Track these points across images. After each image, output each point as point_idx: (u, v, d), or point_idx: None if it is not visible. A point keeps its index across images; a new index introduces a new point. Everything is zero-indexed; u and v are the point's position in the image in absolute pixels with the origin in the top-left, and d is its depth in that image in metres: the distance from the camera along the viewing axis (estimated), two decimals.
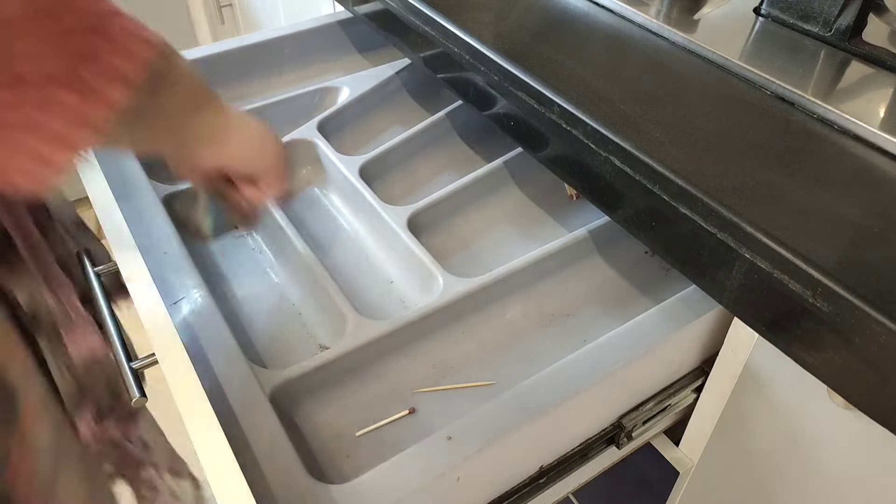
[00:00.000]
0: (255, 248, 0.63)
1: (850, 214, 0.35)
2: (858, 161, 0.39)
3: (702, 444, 0.58)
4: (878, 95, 0.43)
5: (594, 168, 0.43)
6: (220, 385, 0.45)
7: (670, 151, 0.39)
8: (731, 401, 0.53)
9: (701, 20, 0.52)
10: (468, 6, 0.56)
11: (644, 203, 0.40)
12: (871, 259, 0.32)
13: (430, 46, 0.57)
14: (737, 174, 0.37)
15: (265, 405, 0.44)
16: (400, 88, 0.79)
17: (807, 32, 0.49)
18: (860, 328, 0.30)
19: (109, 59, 0.29)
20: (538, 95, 0.45)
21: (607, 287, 0.59)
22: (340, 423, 0.49)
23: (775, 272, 0.33)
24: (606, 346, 0.48)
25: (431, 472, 0.40)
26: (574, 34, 0.52)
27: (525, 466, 0.50)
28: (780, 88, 0.44)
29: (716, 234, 0.36)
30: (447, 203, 0.63)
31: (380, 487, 0.40)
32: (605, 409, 0.52)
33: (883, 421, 0.32)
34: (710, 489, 0.60)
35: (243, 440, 0.42)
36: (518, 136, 0.52)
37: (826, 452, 0.47)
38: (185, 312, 0.50)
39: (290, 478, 0.40)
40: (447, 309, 0.53)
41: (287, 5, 1.26)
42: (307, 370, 0.48)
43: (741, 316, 0.38)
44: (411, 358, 0.53)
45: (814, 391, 0.46)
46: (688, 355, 0.55)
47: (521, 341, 0.55)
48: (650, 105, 0.44)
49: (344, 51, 0.85)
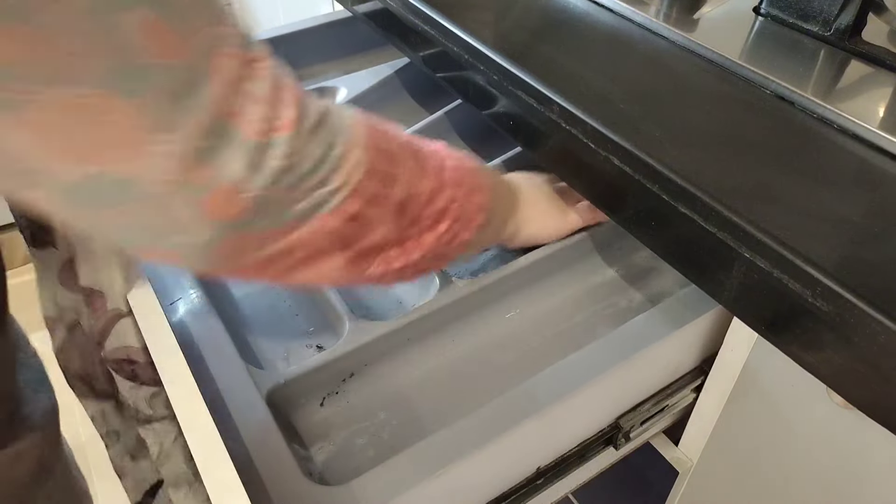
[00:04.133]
0: None
1: (849, 214, 0.34)
2: (858, 160, 0.39)
3: (701, 443, 0.58)
4: (877, 95, 0.43)
5: (593, 167, 0.43)
6: (216, 386, 0.44)
7: (670, 151, 0.39)
8: (731, 400, 0.53)
9: (700, 19, 0.52)
10: (467, 5, 0.56)
11: (643, 202, 0.40)
12: (871, 258, 0.32)
13: (430, 45, 0.57)
14: (736, 173, 0.37)
15: (261, 406, 0.44)
16: (399, 88, 0.79)
17: (806, 32, 0.49)
18: (860, 328, 0.30)
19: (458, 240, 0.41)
20: (537, 94, 0.45)
21: (607, 287, 0.59)
22: (338, 425, 0.49)
23: (775, 271, 0.33)
24: (605, 346, 0.48)
25: (429, 474, 0.40)
26: (573, 33, 0.52)
27: (522, 467, 0.50)
28: (780, 88, 0.43)
29: (715, 234, 0.35)
30: None
31: (377, 489, 0.40)
32: (603, 410, 0.52)
33: (883, 421, 0.32)
34: (710, 489, 0.60)
35: (239, 442, 0.41)
36: (517, 136, 0.52)
37: (826, 452, 0.47)
38: (182, 313, 0.49)
39: (286, 480, 0.40)
40: (445, 310, 0.53)
41: (286, 4, 1.26)
42: (304, 371, 0.48)
43: (740, 315, 0.38)
44: (409, 359, 0.53)
45: (813, 391, 0.46)
46: (687, 355, 0.55)
47: (519, 342, 0.55)
48: (650, 104, 0.43)
49: (343, 50, 0.85)
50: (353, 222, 0.33)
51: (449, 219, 0.39)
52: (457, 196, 0.39)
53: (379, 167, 0.33)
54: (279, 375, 0.47)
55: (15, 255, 1.38)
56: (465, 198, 0.40)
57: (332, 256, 0.33)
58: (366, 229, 0.34)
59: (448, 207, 0.39)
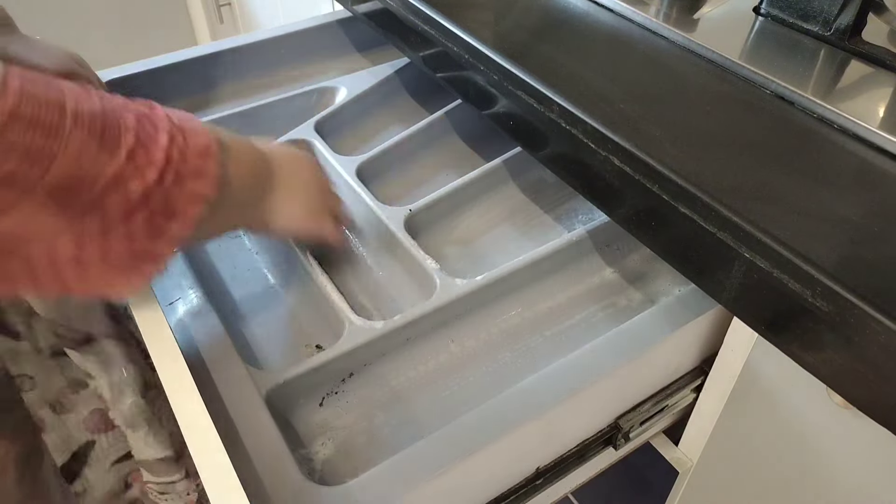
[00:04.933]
0: (252, 249, 0.62)
1: (849, 213, 0.34)
2: (858, 160, 0.39)
3: (701, 443, 0.58)
4: (877, 95, 0.43)
5: (593, 167, 0.43)
6: (215, 386, 0.44)
7: (670, 151, 0.39)
8: (731, 400, 0.53)
9: (700, 19, 0.52)
10: (467, 5, 0.56)
11: (643, 202, 0.40)
12: (871, 258, 0.32)
13: (430, 45, 0.57)
14: (736, 173, 0.37)
15: (261, 406, 0.43)
16: (399, 88, 0.79)
17: (806, 32, 0.49)
18: (859, 327, 0.30)
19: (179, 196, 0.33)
20: (537, 94, 0.45)
21: (606, 287, 0.59)
22: (337, 425, 0.49)
23: (775, 271, 0.33)
24: (604, 346, 0.48)
25: (428, 474, 0.40)
26: (573, 33, 0.52)
27: (522, 467, 0.50)
28: (780, 87, 0.43)
29: (715, 234, 0.35)
30: (445, 203, 0.63)
31: (376, 489, 0.40)
32: (603, 410, 0.52)
33: (882, 420, 0.32)
34: (710, 489, 0.60)
35: (238, 441, 0.41)
36: (517, 136, 0.52)
37: (825, 452, 0.47)
38: (181, 313, 0.49)
39: (285, 480, 0.40)
40: (444, 310, 0.53)
41: (286, 4, 1.26)
42: (303, 371, 0.47)
43: (740, 315, 0.38)
44: (408, 359, 0.53)
45: (813, 391, 0.46)
46: (687, 355, 0.55)
47: (518, 342, 0.55)
48: (650, 104, 0.43)
49: (343, 50, 0.85)
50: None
51: (147, 210, 0.32)
52: (165, 180, 0.32)
53: (20, 141, 0.27)
54: (278, 375, 0.47)
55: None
56: (177, 183, 0.33)
57: None
58: (7, 217, 0.28)
59: (149, 195, 0.32)
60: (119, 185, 0.31)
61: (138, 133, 0.32)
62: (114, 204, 0.31)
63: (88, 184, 0.30)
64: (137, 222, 0.32)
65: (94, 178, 0.30)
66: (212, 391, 0.44)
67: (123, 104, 0.32)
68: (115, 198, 0.31)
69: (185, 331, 0.48)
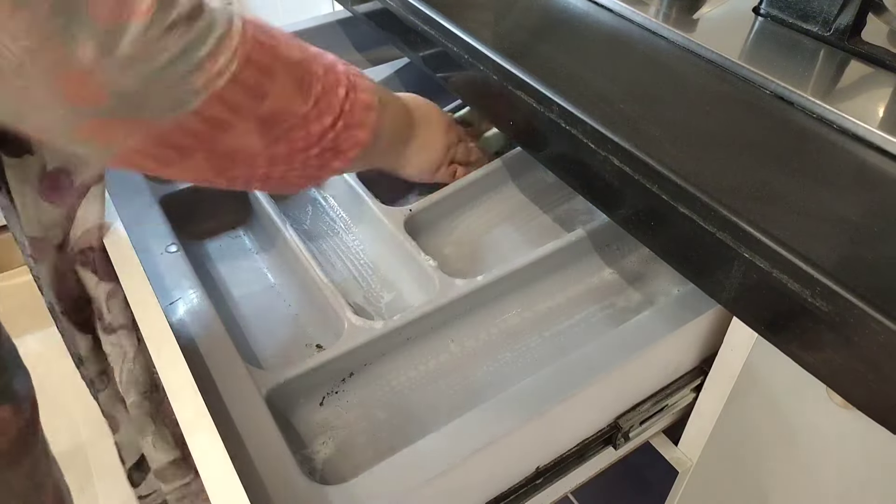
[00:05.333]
0: (252, 249, 0.62)
1: (849, 214, 0.34)
2: (857, 160, 0.39)
3: (701, 443, 0.58)
4: (877, 95, 0.43)
5: (593, 167, 0.43)
6: (215, 386, 0.44)
7: (669, 151, 0.39)
8: (731, 400, 0.53)
9: (700, 20, 0.52)
10: (467, 5, 0.56)
11: (643, 202, 0.40)
12: (871, 258, 0.32)
13: (430, 45, 0.57)
14: (736, 173, 0.37)
15: (261, 406, 0.44)
16: (398, 88, 0.79)
17: (806, 32, 0.49)
18: (859, 327, 0.30)
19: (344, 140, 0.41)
20: (537, 95, 0.45)
21: (606, 287, 0.59)
22: (337, 424, 0.49)
23: (774, 271, 0.33)
24: (604, 346, 0.48)
25: (428, 473, 0.40)
26: (573, 33, 0.52)
27: (522, 467, 0.50)
28: (780, 88, 0.43)
29: (715, 234, 0.36)
30: (445, 203, 0.63)
31: (376, 488, 0.40)
32: (603, 410, 0.52)
33: (882, 420, 0.32)
34: (710, 489, 0.60)
35: (239, 441, 0.41)
36: (517, 136, 0.52)
37: (825, 452, 0.47)
38: (182, 313, 0.49)
39: (286, 479, 0.40)
40: (444, 310, 0.53)
41: (286, 4, 1.26)
42: (303, 371, 0.48)
43: (740, 315, 0.38)
44: (408, 359, 0.53)
45: (813, 391, 0.46)
46: (686, 355, 0.55)
47: (518, 342, 0.55)
48: (649, 104, 0.43)
49: (343, 50, 0.85)
50: (213, 126, 0.33)
51: (319, 147, 0.39)
52: (336, 126, 0.40)
53: (248, 80, 0.33)
54: (279, 375, 0.47)
55: (12, 257, 1.38)
56: (345, 130, 0.40)
57: (194, 154, 0.34)
58: (227, 135, 0.34)
59: (324, 136, 0.39)
60: (304, 125, 0.37)
61: (324, 84, 0.38)
62: (298, 139, 0.38)
63: (284, 119, 0.36)
64: (312, 155, 0.39)
65: (289, 115, 0.36)
66: (212, 391, 0.44)
67: (314, 54, 0.39)
68: (300, 133, 0.37)
69: (186, 331, 0.48)
